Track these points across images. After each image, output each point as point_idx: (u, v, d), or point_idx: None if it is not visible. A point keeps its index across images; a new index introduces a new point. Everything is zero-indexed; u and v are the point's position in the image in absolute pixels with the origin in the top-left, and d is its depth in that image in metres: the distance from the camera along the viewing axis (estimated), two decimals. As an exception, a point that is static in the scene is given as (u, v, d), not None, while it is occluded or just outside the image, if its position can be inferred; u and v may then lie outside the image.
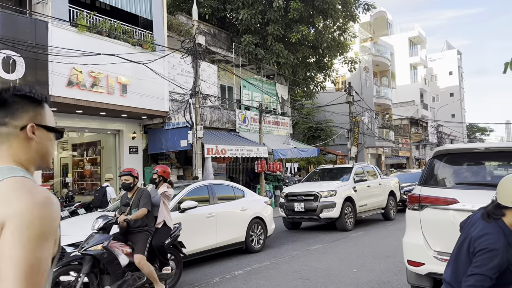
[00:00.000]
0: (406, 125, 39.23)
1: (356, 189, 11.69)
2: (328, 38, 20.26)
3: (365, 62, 31.91)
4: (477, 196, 4.01)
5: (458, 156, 4.66)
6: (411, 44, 48.11)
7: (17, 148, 1.20)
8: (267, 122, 19.53)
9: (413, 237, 4.45)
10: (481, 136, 64.90)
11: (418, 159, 39.73)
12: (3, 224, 1.02)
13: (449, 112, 54.84)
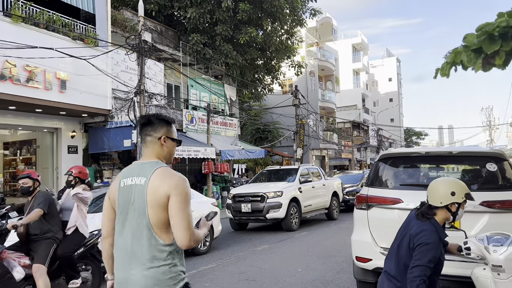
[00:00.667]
0: (349, 128, 40.82)
1: (302, 190, 11.92)
2: (276, 41, 20.54)
3: (311, 66, 32.74)
4: (418, 196, 4.19)
5: (402, 159, 4.96)
6: (354, 51, 50.12)
7: (157, 150, 2.19)
8: (215, 122, 19.41)
9: (361, 235, 4.69)
10: (417, 139, 69.01)
11: (360, 161, 41.45)
12: (169, 193, 2.02)
13: (389, 116, 57.84)
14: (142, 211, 2.09)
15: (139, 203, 2.10)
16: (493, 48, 2.08)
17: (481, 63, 2.16)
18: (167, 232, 2.08)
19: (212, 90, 19.38)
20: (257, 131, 27.75)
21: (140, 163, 2.22)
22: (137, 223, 2.10)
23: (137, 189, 2.12)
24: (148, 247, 2.07)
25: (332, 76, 37.50)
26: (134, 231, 2.10)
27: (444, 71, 2.31)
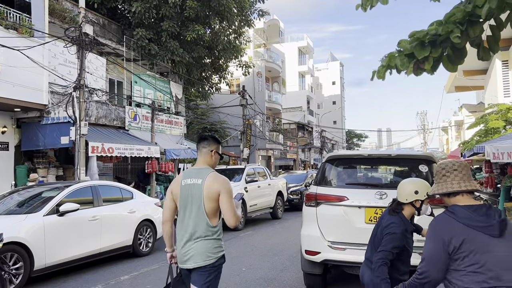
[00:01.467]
0: (294, 129, 41.68)
1: (248, 189, 11.98)
2: (223, 40, 20.47)
3: (258, 67, 33.03)
4: (362, 194, 4.86)
5: (347, 160, 5.50)
6: (300, 53, 51.29)
7: (208, 159, 3.12)
8: (160, 120, 18.95)
9: (310, 229, 5.06)
10: (358, 141, 72.06)
11: (304, 161, 42.49)
12: (219, 191, 2.95)
13: (332, 118, 59.88)
14: (199, 203, 3.04)
15: (197, 197, 3.05)
16: (423, 54, 2.21)
17: (412, 67, 2.28)
18: (215, 218, 3.08)
19: (157, 87, 18.92)
20: (204, 130, 27.47)
21: (196, 169, 3.19)
22: (195, 211, 3.04)
23: (195, 187, 3.06)
24: (203, 227, 3.04)
25: (279, 78, 38.11)
26: (194, 216, 3.05)
27: (380, 74, 2.43)
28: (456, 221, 2.07)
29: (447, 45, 2.23)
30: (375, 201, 4.75)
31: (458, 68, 2.41)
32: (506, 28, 2.31)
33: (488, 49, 2.31)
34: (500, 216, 2.08)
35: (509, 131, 13.81)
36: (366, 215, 4.80)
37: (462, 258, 2.03)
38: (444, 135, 51.77)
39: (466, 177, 2.20)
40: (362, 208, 4.80)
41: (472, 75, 26.81)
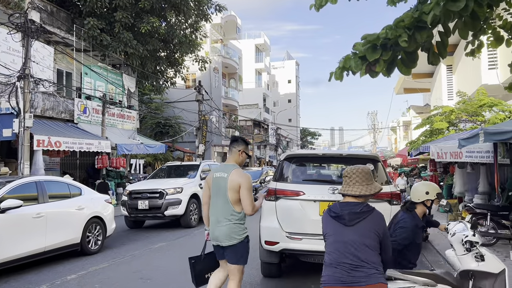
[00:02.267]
0: (250, 126, 41.84)
1: (203, 186, 11.86)
2: (179, 34, 20.11)
3: (215, 63, 32.80)
4: (317, 189, 5.40)
5: (303, 159, 6.10)
6: (257, 51, 51.52)
7: (236, 158, 3.97)
8: (112, 114, 18.34)
9: (270, 222, 5.51)
10: (312, 139, 73.62)
11: (259, 158, 42.80)
12: (240, 184, 3.75)
13: (287, 116, 60.70)
14: (225, 192, 3.88)
15: (223, 188, 3.88)
16: (374, 57, 2.31)
17: (365, 69, 2.38)
18: (238, 205, 3.89)
19: (109, 80, 18.29)
20: (158, 125, 26.91)
21: (224, 164, 4.09)
22: (222, 199, 3.90)
23: (222, 180, 3.91)
24: (228, 213, 3.88)
25: (236, 74, 38.09)
26: (222, 203, 3.91)
27: (337, 75, 2.52)
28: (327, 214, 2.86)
29: (399, 49, 2.34)
30: (328, 196, 5.25)
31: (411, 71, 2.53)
32: (453, 34, 2.45)
33: (437, 54, 2.45)
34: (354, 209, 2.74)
35: (452, 132, 14.67)
36: (320, 208, 5.27)
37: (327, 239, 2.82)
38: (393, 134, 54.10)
39: (351, 183, 2.81)
40: (316, 202, 5.31)
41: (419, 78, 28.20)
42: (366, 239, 2.63)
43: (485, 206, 8.43)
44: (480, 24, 2.26)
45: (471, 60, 15.88)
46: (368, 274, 2.57)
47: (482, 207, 8.36)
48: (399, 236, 3.51)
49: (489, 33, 4.09)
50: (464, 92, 15.74)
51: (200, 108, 24.22)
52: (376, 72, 2.40)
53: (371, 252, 2.63)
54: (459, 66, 20.63)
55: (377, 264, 2.63)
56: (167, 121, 26.86)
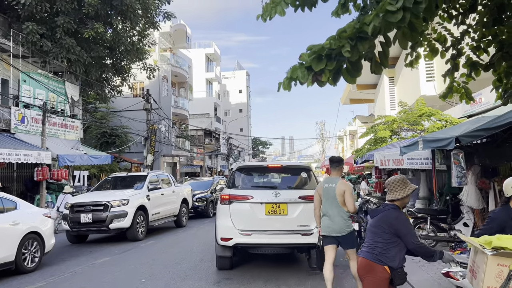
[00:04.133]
0: (201, 135, 41.47)
1: (150, 197, 11.55)
2: (126, 41, 19.58)
3: (164, 72, 32.24)
4: (262, 194, 6.61)
5: (251, 169, 7.44)
6: (208, 60, 51.40)
7: (339, 172, 5.60)
8: (53, 124, 17.40)
9: (224, 221, 6.55)
10: (263, 148, 74.31)
11: (211, 168, 42.42)
12: (345, 190, 5.23)
13: (238, 126, 60.87)
14: (334, 197, 5.20)
15: (333, 194, 5.21)
16: (319, 67, 2.36)
17: (311, 79, 2.41)
18: (344, 206, 5.18)
19: (50, 88, 17.37)
20: (103, 135, 25.88)
21: (332, 178, 5.45)
22: (333, 202, 5.20)
23: (331, 189, 5.24)
24: (338, 212, 5.18)
25: (186, 83, 37.64)
26: (333, 206, 5.21)
27: (285, 85, 2.52)
28: None
29: (343, 59, 2.38)
30: (272, 199, 6.48)
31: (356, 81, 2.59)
32: (394, 45, 2.54)
33: (379, 64, 2.52)
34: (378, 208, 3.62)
35: (395, 140, 15.38)
36: (266, 209, 6.46)
37: None
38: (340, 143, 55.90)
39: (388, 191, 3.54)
40: (263, 204, 6.46)
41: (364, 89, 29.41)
42: (374, 228, 3.43)
43: (425, 211, 8.85)
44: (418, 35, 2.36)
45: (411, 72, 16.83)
46: (363, 249, 3.48)
47: (423, 211, 8.77)
48: (485, 226, 3.94)
49: (425, 45, 4.34)
50: (405, 103, 16.60)
51: (148, 117, 23.60)
52: (322, 82, 2.43)
53: (374, 237, 3.40)
54: (400, 78, 21.76)
55: (372, 245, 3.39)
56: (114, 130, 25.92)
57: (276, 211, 6.42)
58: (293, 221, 6.39)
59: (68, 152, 16.95)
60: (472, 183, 7.51)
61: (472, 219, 7.94)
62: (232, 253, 6.81)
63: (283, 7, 2.99)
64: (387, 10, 2.19)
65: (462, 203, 8.06)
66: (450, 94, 4.59)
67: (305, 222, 6.36)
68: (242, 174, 7.09)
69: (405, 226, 3.35)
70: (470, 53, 4.43)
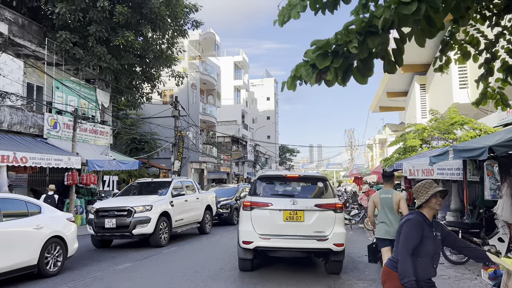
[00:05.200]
0: (228, 142, 41.60)
1: (173, 203, 11.53)
2: (155, 49, 19.88)
3: (192, 79, 32.62)
4: (281, 201, 7.11)
5: (272, 179, 7.94)
6: (236, 68, 51.70)
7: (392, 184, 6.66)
8: (84, 129, 17.80)
9: (246, 226, 7.11)
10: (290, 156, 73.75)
11: (237, 175, 42.43)
12: (400, 199, 6.27)
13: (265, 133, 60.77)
14: (391, 206, 6.13)
15: (390, 204, 6.14)
16: (324, 64, 2.16)
17: (315, 78, 2.22)
18: (399, 213, 6.13)
19: (82, 94, 17.81)
20: (133, 141, 26.28)
21: (386, 189, 6.37)
22: (391, 211, 6.12)
23: (388, 199, 6.19)
24: (393, 218, 6.08)
25: (214, 91, 37.95)
26: (391, 213, 6.11)
27: (289, 84, 2.34)
28: None
29: (352, 56, 2.17)
30: (290, 206, 6.98)
31: (367, 81, 2.36)
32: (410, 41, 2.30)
33: (394, 62, 2.29)
34: None
35: (425, 149, 14.77)
36: (284, 215, 6.97)
37: None
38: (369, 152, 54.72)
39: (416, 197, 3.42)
40: (281, 211, 6.98)
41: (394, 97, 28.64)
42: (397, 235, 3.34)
43: (457, 224, 8.38)
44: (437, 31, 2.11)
45: (443, 79, 16.19)
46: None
47: (454, 224, 8.31)
48: None
49: (456, 49, 4.04)
50: (436, 110, 15.96)
51: (176, 124, 23.82)
52: (328, 81, 2.22)
53: (396, 244, 3.29)
54: (432, 85, 21.01)
55: (394, 252, 3.31)
56: (143, 137, 26.30)
57: (294, 217, 6.93)
58: (309, 227, 6.92)
59: (98, 158, 17.26)
60: (507, 196, 7.00)
61: (508, 234, 7.40)
62: (253, 256, 7.30)
63: (298, 10, 2.79)
64: (399, 1, 1.97)
65: (496, 217, 7.54)
66: (484, 100, 4.24)
67: (321, 228, 6.92)
68: (263, 183, 7.64)
69: (403, 233, 3.17)
70: (505, 57, 4.08)
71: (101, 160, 17.09)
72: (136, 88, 21.47)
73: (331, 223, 6.97)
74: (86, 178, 16.25)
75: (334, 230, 6.94)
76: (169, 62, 21.33)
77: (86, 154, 16.57)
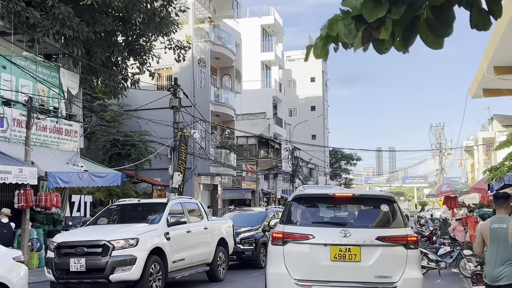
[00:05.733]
0: (253, 145, 41.57)
1: (170, 236, 11.53)
2: (144, 8, 20.11)
3: (200, 52, 32.83)
4: (327, 232, 7.21)
5: (313, 199, 8.10)
6: (265, 34, 51.79)
7: (508, 210, 6.65)
8: (42, 128, 18.18)
9: (277, 268, 7.27)
10: (347, 165, 73.13)
11: (267, 194, 42.35)
12: None
13: (309, 131, 60.55)
14: (506, 240, 5.97)
15: (504, 236, 6.01)
16: (377, 15, 2.03)
17: (361, 37, 2.11)
18: None
19: (39, 77, 18.16)
20: (114, 145, 26.72)
21: (498, 217, 6.40)
22: (503, 245, 6.01)
23: (502, 230, 6.06)
24: (509, 255, 5.93)
25: (231, 69, 38.08)
26: (502, 249, 6.00)
27: (318, 49, 2.24)
28: None
29: (421, 2, 2.06)
30: (340, 239, 7.03)
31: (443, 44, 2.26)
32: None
33: (487, 12, 2.17)
34: None
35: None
36: (332, 252, 7.04)
37: None
38: (469, 158, 53.52)
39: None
40: (327, 246, 7.06)
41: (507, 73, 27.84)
42: None
43: None
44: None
45: None
46: None
47: None
48: None
49: None
50: None
51: (176, 118, 23.98)
52: (381, 42, 2.12)
53: None
54: None
55: None
56: (128, 138, 26.66)
57: (346, 255, 7.03)
58: (369, 270, 7.00)
59: (62, 169, 17.58)
60: None
61: None
62: None
63: None
64: None
65: None
66: None
67: (385, 271, 7.01)
68: (301, 205, 7.86)
69: None
70: None
71: (67, 172, 17.39)
72: (117, 66, 21.75)
73: (401, 265, 7.01)
74: (45, 199, 16.56)
75: (406, 274, 6.95)
76: (165, 27, 21.55)
77: (45, 164, 16.89)
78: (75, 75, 20.24)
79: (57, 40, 18.59)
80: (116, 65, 21.76)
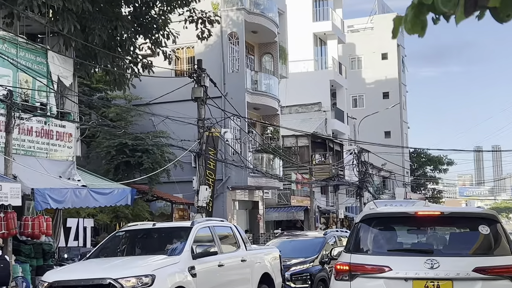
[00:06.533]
0: (305, 147, 41.49)
1: (196, 271, 11.64)
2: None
3: (231, 25, 32.93)
4: (408, 263, 7.38)
5: (388, 220, 8.29)
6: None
7: None
8: (27, 131, 18.53)
9: None
10: (434, 172, 72.25)
11: (326, 213, 42.17)
12: None
13: (382, 126, 60.14)
14: None
15: None
16: None
17: (464, 5, 2.14)
18: None
19: (21, 64, 18.52)
20: (121, 151, 27.11)
21: None
22: None
23: None
24: None
25: (274, 46, 38.10)
26: None
27: (409, 23, 2.29)
28: None
29: None
30: (425, 272, 7.21)
31: None
32: None
33: None
34: None
35: None
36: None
37: None
38: None
39: None
40: (409, 281, 7.28)
41: None
42: None
43: None
44: None
45: None
46: None
47: None
48: None
49: None
50: None
51: (201, 113, 24.12)
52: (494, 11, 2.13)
53: None
54: None
55: None
56: (139, 141, 26.96)
57: None
58: None
59: (54, 184, 17.84)
60: None
61: None
62: None
63: None
64: None
65: None
66: None
67: None
68: (373, 228, 8.13)
69: None
70: None
71: (60, 188, 17.64)
72: (122, 47, 22.01)
73: None
74: (32, 225, 16.84)
75: None
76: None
77: (31, 178, 17.19)
78: (67, 60, 20.53)
79: (43, 14, 18.90)
80: (121, 45, 21.97)
